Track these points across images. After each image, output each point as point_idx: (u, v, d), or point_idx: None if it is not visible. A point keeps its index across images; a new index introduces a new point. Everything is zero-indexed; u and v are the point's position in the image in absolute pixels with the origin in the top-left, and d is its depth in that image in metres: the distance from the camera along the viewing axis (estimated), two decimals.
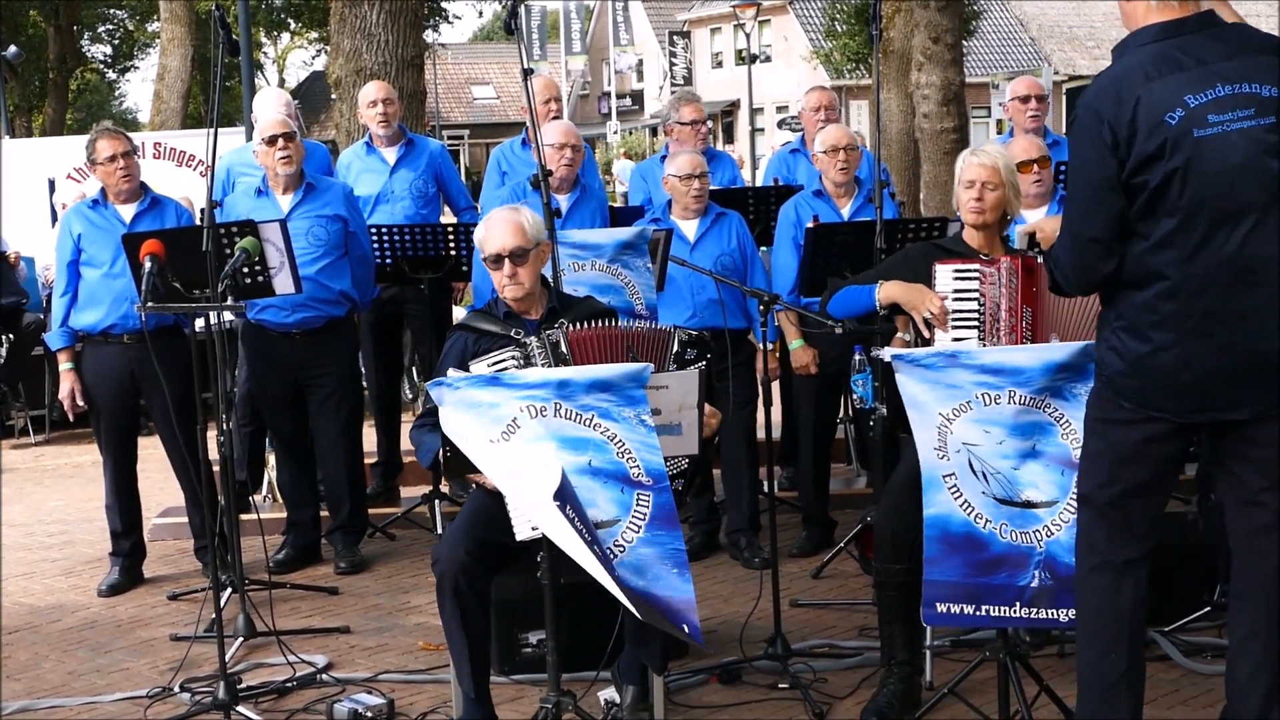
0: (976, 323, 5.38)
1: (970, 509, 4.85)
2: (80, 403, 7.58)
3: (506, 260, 5.36)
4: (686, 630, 4.66)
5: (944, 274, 5.46)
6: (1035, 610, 4.86)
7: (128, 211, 7.46)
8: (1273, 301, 4.19)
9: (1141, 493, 4.42)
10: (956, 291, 5.42)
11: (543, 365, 5.10)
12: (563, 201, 7.59)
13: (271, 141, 7.57)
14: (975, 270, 5.41)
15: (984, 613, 4.89)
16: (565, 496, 4.54)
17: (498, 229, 5.41)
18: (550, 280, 5.69)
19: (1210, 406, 4.26)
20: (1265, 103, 4.17)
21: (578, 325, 5.23)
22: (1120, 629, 4.42)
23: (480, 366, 5.09)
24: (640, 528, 4.66)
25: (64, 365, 7.59)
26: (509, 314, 5.44)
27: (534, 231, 5.43)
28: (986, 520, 4.85)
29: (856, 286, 5.72)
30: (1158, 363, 4.26)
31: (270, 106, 8.68)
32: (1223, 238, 4.17)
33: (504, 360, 5.10)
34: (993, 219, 5.60)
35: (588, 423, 4.66)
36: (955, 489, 4.85)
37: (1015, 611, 4.87)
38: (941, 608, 4.88)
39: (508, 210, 5.54)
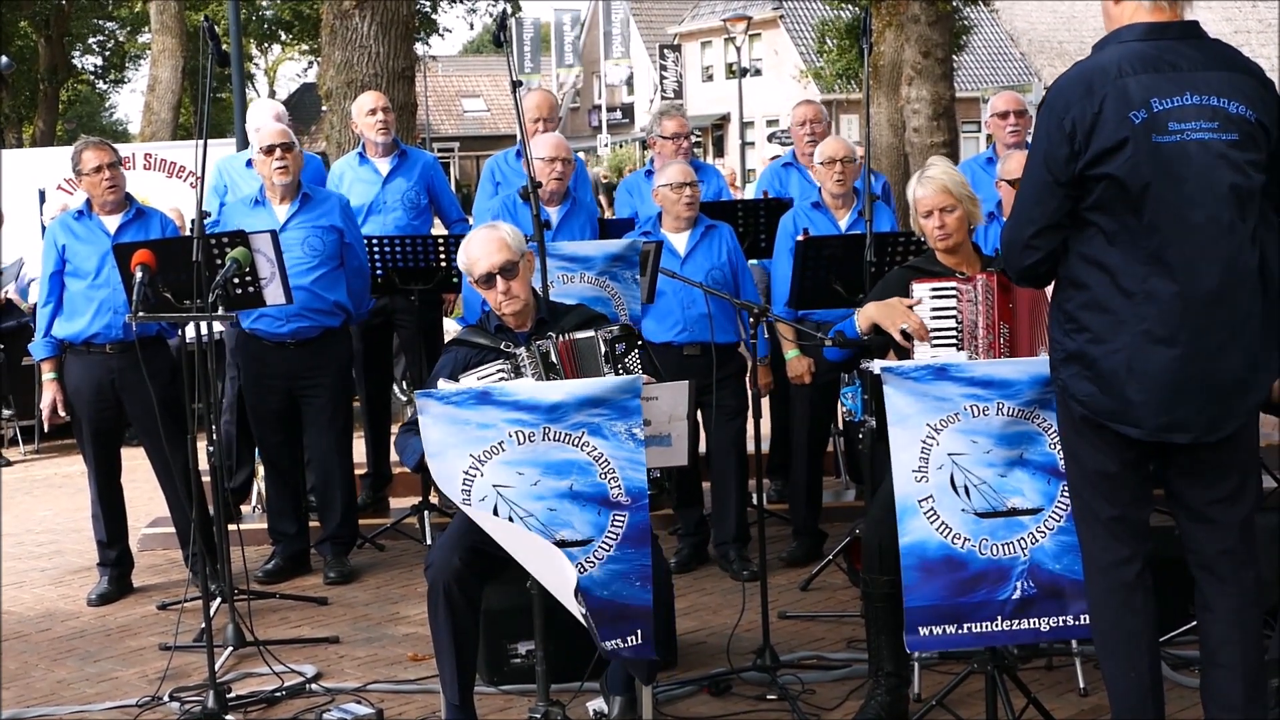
0: (955, 341, 5.42)
1: (947, 530, 4.87)
2: (62, 413, 7.59)
3: (498, 277, 5.38)
4: (638, 638, 4.81)
5: (921, 293, 5.50)
6: (1017, 622, 4.90)
7: (112, 222, 7.48)
8: (1227, 319, 4.23)
9: (1134, 505, 4.47)
10: (934, 310, 5.45)
11: (533, 376, 5.12)
12: (553, 214, 7.61)
13: (269, 151, 7.58)
14: (952, 289, 5.46)
15: (966, 630, 4.91)
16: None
17: (481, 249, 5.44)
18: (540, 292, 5.71)
19: (1157, 424, 4.28)
20: (1231, 119, 4.20)
21: (567, 336, 5.26)
22: (1136, 645, 4.45)
23: (470, 380, 5.12)
24: (611, 546, 4.77)
25: (47, 375, 7.62)
26: (500, 327, 5.46)
27: (516, 243, 5.46)
28: (965, 539, 4.87)
29: (842, 323, 5.79)
30: (1107, 364, 4.28)
31: (266, 117, 8.70)
32: (1174, 246, 4.19)
33: (493, 374, 5.12)
34: (960, 238, 5.64)
35: (576, 441, 4.70)
36: (931, 512, 4.86)
37: (997, 626, 4.90)
38: (924, 630, 4.90)
39: (486, 229, 5.57)
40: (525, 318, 5.46)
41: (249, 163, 8.66)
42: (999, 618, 4.90)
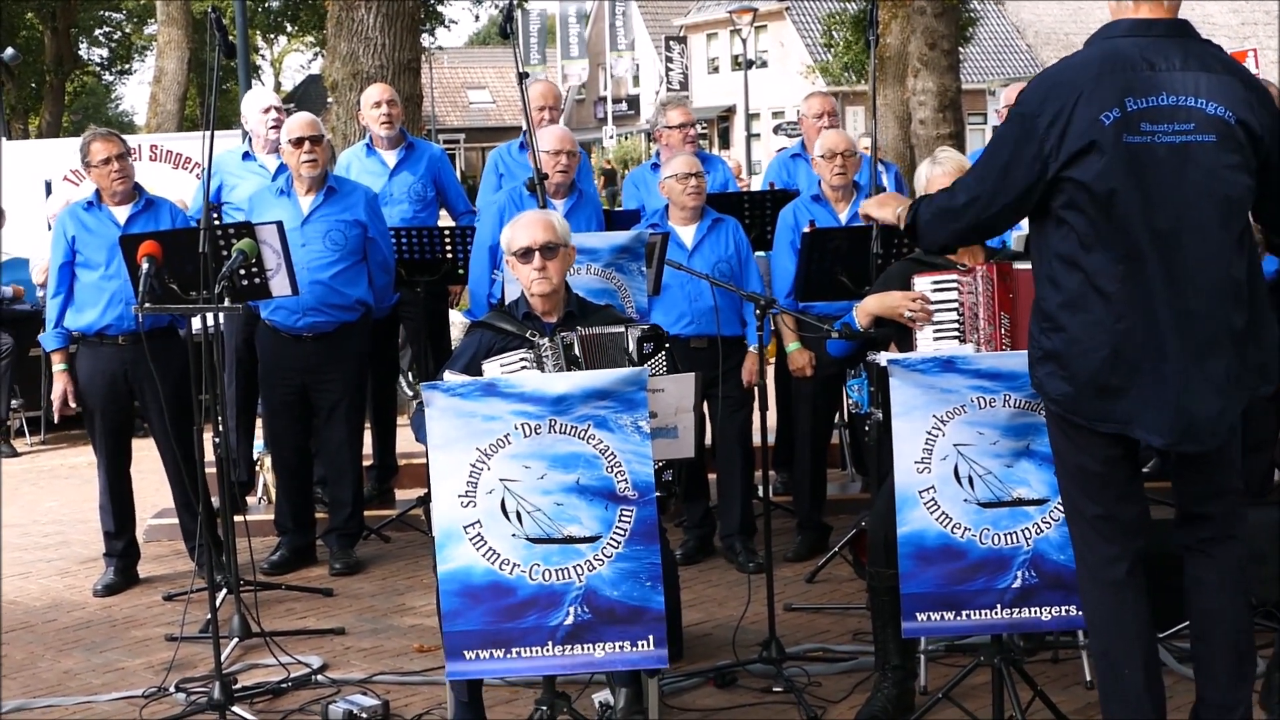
0: (957, 332, 5.42)
1: (948, 520, 4.90)
2: (72, 404, 7.58)
3: (536, 254, 5.39)
4: (650, 644, 4.71)
5: (923, 286, 5.51)
6: (1017, 610, 4.94)
7: (122, 213, 7.47)
8: (1206, 327, 4.20)
9: (1120, 503, 4.46)
10: (936, 302, 5.46)
11: (554, 368, 5.13)
12: (559, 207, 7.59)
13: (298, 144, 7.57)
14: (953, 281, 5.46)
15: (965, 618, 4.94)
16: None
17: (527, 226, 5.46)
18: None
19: (1134, 425, 4.27)
20: (1209, 120, 4.15)
21: (591, 330, 5.26)
22: (1130, 644, 4.43)
23: (493, 366, 5.13)
24: (620, 543, 4.70)
25: (58, 366, 7.61)
26: (528, 315, 5.47)
27: (563, 231, 5.48)
28: (965, 529, 4.91)
29: (846, 317, 5.80)
30: (1083, 364, 4.27)
31: (259, 104, 8.68)
32: (1147, 249, 4.16)
33: (515, 361, 5.13)
34: None
35: (582, 434, 4.68)
36: (932, 502, 4.90)
37: (997, 615, 4.94)
38: (921, 617, 4.94)
39: (537, 211, 5.64)
40: (554, 305, 5.46)
41: (246, 155, 8.66)
42: (998, 606, 4.94)
